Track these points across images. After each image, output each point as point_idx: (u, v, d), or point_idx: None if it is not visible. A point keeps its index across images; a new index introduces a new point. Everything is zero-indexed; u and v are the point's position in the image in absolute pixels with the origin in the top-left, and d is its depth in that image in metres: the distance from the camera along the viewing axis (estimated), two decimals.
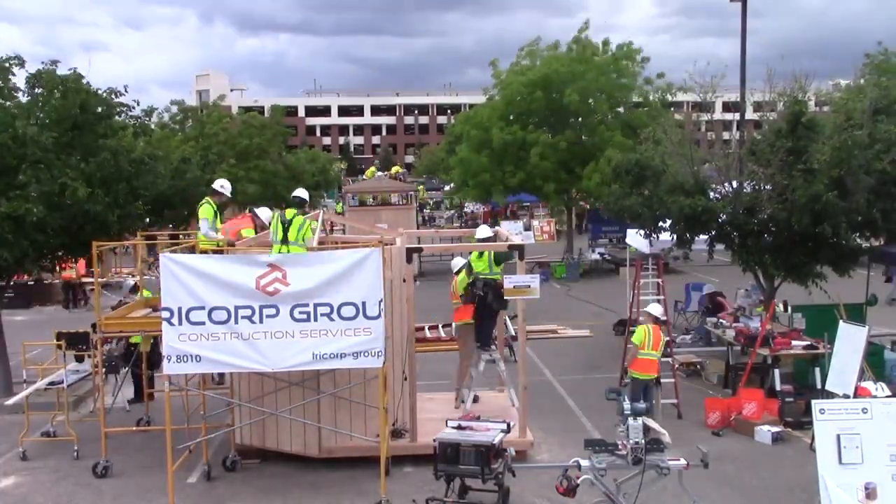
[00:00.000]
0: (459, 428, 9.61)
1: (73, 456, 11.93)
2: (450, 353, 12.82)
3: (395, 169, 44.64)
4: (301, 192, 12.07)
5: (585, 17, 31.80)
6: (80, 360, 13.62)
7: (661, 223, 16.05)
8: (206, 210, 12.27)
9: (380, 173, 39.05)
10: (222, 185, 12.89)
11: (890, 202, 13.87)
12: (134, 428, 12.69)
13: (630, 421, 8.19)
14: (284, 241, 11.05)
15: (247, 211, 11.63)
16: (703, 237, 15.60)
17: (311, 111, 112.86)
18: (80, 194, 13.46)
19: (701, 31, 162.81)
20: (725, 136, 17.87)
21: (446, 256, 33.23)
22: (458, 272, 13.07)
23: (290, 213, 11.20)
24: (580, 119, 32.03)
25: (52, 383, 12.60)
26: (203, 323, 9.65)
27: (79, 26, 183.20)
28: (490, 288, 12.30)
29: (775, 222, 14.08)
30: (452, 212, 54.53)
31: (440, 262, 33.43)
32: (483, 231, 13.87)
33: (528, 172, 30.93)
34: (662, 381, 14.19)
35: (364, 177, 38.85)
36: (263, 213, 12.98)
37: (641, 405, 8.49)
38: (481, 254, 12.78)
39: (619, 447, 8.26)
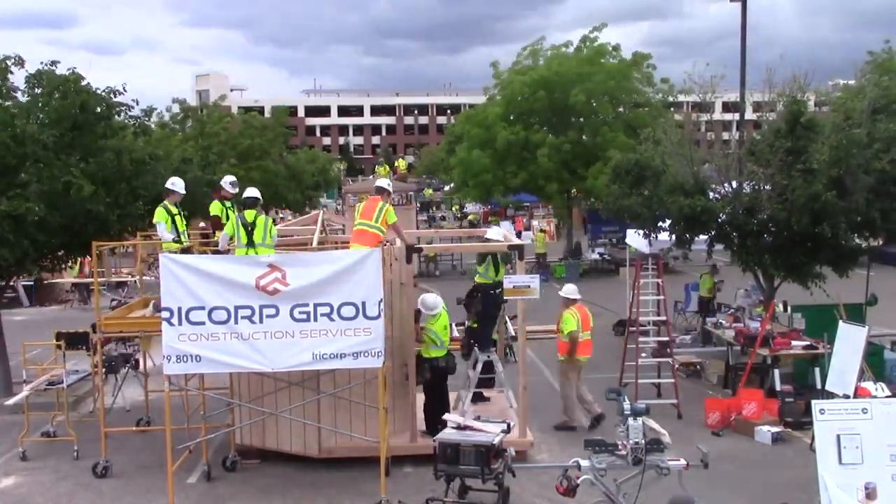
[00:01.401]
0: (459, 428, 9.62)
1: (73, 456, 11.94)
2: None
3: (401, 164, 44.50)
4: (253, 192, 11.19)
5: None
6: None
7: (660, 223, 16.05)
8: (160, 214, 11.70)
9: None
10: (173, 182, 12.06)
11: (889, 202, 13.86)
12: (134, 428, 12.70)
13: (630, 421, 8.19)
14: (250, 244, 10.61)
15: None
16: (703, 237, 15.60)
17: (311, 111, 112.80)
18: (85, 192, 13.48)
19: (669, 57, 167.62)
20: (725, 136, 17.87)
21: (446, 257, 33.37)
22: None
23: (249, 214, 10.70)
24: (582, 119, 32.05)
25: (51, 383, 12.60)
26: (203, 323, 9.65)
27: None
28: (480, 292, 12.65)
29: (775, 222, 14.09)
30: (455, 211, 54.27)
31: (441, 261, 33.48)
32: (494, 233, 13.57)
33: (531, 173, 30.93)
34: (662, 381, 14.25)
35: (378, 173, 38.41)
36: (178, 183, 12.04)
37: (641, 405, 8.49)
38: (484, 258, 12.79)
39: (619, 447, 8.26)
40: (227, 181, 12.98)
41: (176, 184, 12.07)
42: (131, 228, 15.69)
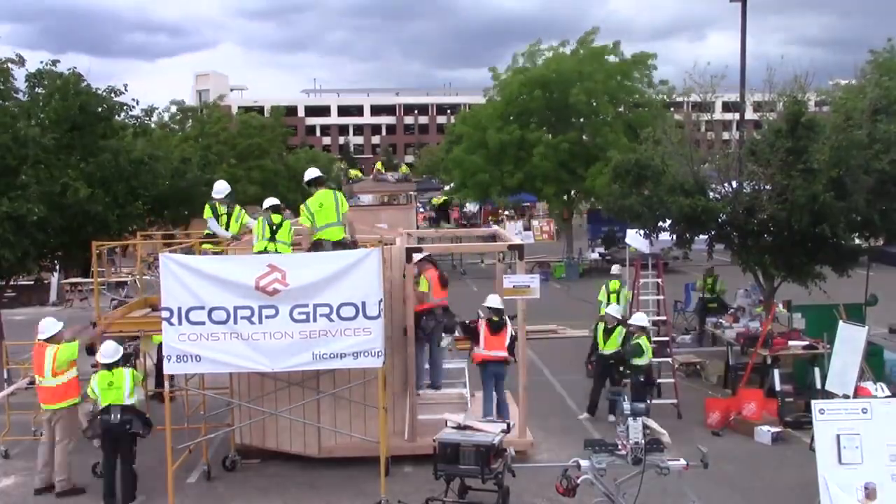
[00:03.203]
0: (459, 428, 9.62)
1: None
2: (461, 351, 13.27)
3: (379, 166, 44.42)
4: (275, 201, 11.56)
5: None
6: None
7: (660, 223, 16.03)
8: (206, 211, 12.26)
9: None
10: (217, 189, 12.50)
11: (889, 202, 13.86)
12: None
13: (630, 421, 8.19)
14: (272, 239, 10.79)
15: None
16: (703, 237, 15.59)
17: (311, 111, 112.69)
18: (81, 194, 13.49)
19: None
20: (725, 136, 17.84)
21: (446, 257, 33.34)
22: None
23: (277, 218, 11.02)
24: (581, 119, 32.00)
25: (31, 382, 12.57)
26: (203, 323, 9.66)
27: None
28: None
29: (775, 222, 14.07)
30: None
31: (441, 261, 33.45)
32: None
33: (527, 173, 30.90)
34: (662, 381, 14.24)
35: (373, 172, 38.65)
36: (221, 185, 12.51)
37: (641, 405, 8.49)
38: None
39: (619, 447, 8.27)
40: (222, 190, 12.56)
41: (219, 191, 12.38)
42: (131, 228, 15.71)
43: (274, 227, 10.90)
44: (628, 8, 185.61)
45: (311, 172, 11.50)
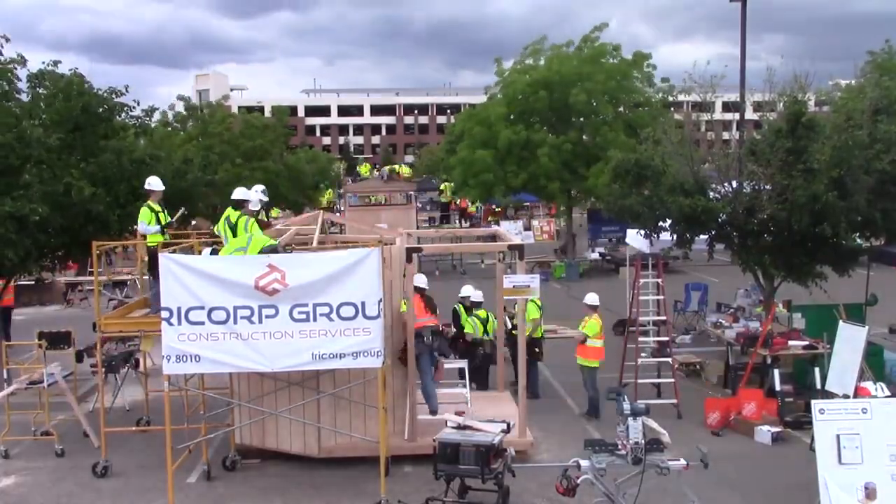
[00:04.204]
0: (459, 428, 9.62)
1: (56, 453, 12.09)
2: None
3: (389, 167, 44.52)
4: (240, 193, 11.36)
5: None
6: (79, 359, 13.69)
7: (661, 223, 16.03)
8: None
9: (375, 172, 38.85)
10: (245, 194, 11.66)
11: (890, 202, 13.85)
12: (134, 428, 12.70)
13: (630, 421, 8.19)
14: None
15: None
16: (703, 237, 15.59)
17: (311, 111, 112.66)
18: (85, 193, 13.52)
19: None
20: (725, 136, 17.83)
21: (446, 256, 33.31)
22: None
23: (233, 215, 11.00)
24: (582, 119, 32.00)
25: (32, 383, 12.59)
26: (202, 323, 9.66)
27: None
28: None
29: (775, 222, 14.07)
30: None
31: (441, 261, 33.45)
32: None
33: (532, 172, 30.89)
34: (662, 381, 14.26)
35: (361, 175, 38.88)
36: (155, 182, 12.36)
37: (641, 405, 8.49)
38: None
39: (619, 447, 8.27)
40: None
41: (152, 183, 12.41)
42: (132, 228, 15.71)
43: (233, 228, 10.92)
44: (617, 16, 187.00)
45: (238, 193, 11.37)
